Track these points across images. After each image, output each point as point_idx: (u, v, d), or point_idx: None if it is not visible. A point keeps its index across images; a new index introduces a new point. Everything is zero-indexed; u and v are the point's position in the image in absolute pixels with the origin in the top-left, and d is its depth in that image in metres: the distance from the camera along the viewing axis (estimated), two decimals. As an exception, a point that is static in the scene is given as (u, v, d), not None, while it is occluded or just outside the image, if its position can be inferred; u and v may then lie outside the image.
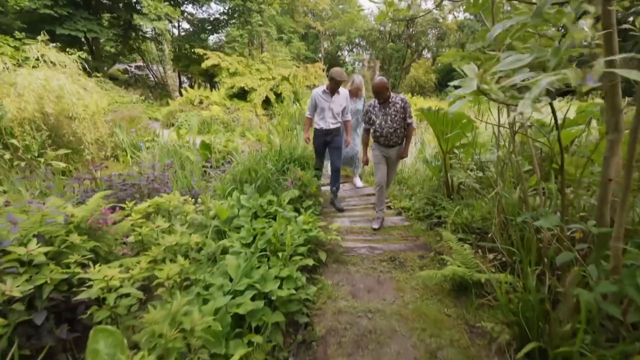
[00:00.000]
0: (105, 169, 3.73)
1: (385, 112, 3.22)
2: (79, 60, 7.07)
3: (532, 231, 2.00)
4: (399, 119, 3.20)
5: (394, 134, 3.24)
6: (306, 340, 1.95)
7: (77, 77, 6.75)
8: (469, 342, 1.86)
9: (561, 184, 1.86)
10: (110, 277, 1.56)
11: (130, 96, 12.14)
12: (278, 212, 2.64)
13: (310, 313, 2.14)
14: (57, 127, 6.50)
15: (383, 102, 3.21)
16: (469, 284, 2.26)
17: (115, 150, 7.42)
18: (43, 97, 5.71)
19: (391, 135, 3.24)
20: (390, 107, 3.20)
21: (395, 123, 3.21)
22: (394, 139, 3.26)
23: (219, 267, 2.00)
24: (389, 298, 2.32)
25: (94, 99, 6.79)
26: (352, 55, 29.91)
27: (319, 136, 3.77)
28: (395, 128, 3.22)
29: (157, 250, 1.96)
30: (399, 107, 3.18)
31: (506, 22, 0.95)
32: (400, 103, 3.18)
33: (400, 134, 3.27)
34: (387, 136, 3.26)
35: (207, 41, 16.88)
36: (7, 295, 1.44)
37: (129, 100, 11.64)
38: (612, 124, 1.55)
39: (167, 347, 1.23)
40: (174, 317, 1.33)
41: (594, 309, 1.33)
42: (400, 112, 3.18)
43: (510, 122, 2.23)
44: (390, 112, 3.20)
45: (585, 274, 1.50)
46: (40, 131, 6.07)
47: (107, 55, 16.19)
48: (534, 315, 1.55)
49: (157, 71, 20.98)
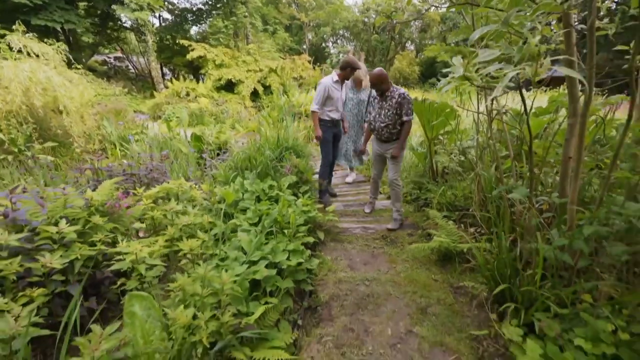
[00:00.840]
0: (105, 159, 3.81)
1: (381, 106, 3.11)
2: (62, 52, 6.92)
3: (506, 205, 2.31)
4: (392, 115, 3.03)
5: (385, 129, 3.09)
6: (311, 306, 2.19)
7: (61, 68, 6.63)
8: (454, 299, 2.16)
9: (530, 163, 2.16)
10: (139, 250, 1.74)
11: (112, 88, 11.87)
12: (279, 196, 2.85)
13: (314, 283, 2.38)
14: (44, 120, 6.40)
15: (381, 95, 3.10)
16: (453, 254, 2.55)
17: (103, 144, 7.36)
18: (30, 89, 5.61)
19: (382, 130, 3.11)
20: (387, 100, 3.06)
21: (387, 118, 3.06)
22: (385, 134, 3.12)
23: (231, 244, 2.20)
24: (383, 269, 2.59)
25: (80, 91, 6.70)
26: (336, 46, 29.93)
27: (330, 128, 3.67)
28: (387, 124, 3.07)
29: (174, 229, 2.14)
30: (394, 103, 3.00)
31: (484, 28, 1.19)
32: (396, 98, 3.00)
33: (393, 131, 3.09)
34: (378, 130, 3.16)
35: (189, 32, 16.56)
36: (48, 267, 1.60)
37: (111, 92, 11.38)
38: (571, 110, 1.84)
39: (203, 302, 1.44)
40: (204, 279, 1.53)
41: (553, 261, 1.63)
42: (395, 107, 3.00)
43: (488, 109, 2.51)
44: (386, 105, 3.07)
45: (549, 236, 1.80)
46: (26, 124, 5.97)
47: (85, 46, 15.64)
48: (506, 272, 1.85)
49: (137, 62, 20.41)
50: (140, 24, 12.16)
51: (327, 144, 3.74)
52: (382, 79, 3.02)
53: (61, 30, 12.70)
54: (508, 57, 1.28)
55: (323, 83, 3.53)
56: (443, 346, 1.79)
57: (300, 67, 11.77)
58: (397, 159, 3.17)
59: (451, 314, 2.03)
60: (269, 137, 3.75)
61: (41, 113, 6.24)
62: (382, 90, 3.07)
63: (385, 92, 3.08)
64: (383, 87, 3.05)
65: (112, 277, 1.98)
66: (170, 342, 1.33)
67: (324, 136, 3.65)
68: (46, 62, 6.41)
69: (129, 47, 20.46)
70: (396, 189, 3.24)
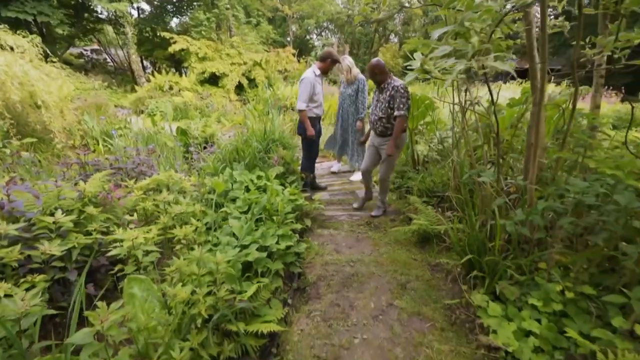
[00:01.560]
0: (92, 153, 3.81)
1: (378, 97, 3.06)
2: (38, 45, 6.71)
3: (478, 188, 2.51)
4: (385, 108, 2.96)
5: (378, 122, 3.04)
6: (300, 287, 2.34)
7: (38, 62, 6.44)
8: (431, 276, 2.36)
9: (497, 150, 2.35)
10: (135, 237, 1.83)
11: (91, 82, 11.53)
12: (267, 186, 2.97)
13: (302, 266, 2.53)
14: (21, 116, 6.22)
15: (378, 86, 3.05)
16: (431, 235, 2.75)
17: (85, 139, 7.22)
18: (5, 84, 5.45)
19: (376, 123, 3.07)
20: (383, 92, 2.99)
21: (381, 111, 2.99)
22: (379, 127, 3.06)
23: (223, 230, 2.31)
24: (367, 251, 2.76)
25: (59, 85, 6.54)
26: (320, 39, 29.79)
27: (315, 125, 3.55)
28: (381, 117, 3.00)
29: (167, 218, 2.23)
30: (387, 95, 2.92)
31: (442, 29, 1.34)
32: (390, 91, 2.91)
33: (387, 125, 3.01)
34: (373, 123, 3.12)
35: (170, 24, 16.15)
36: (48, 254, 1.68)
37: (90, 86, 11.06)
38: (534, 100, 2.03)
39: (199, 280, 1.56)
40: (199, 260, 1.65)
41: (514, 235, 1.83)
42: (388, 100, 2.91)
43: (461, 101, 2.69)
44: (381, 98, 3.00)
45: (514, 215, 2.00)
46: (2, 120, 5.81)
47: (59, 38, 15.02)
48: (475, 247, 2.05)
49: (115, 55, 19.75)
50: (119, 15, 11.79)
51: (313, 144, 3.65)
52: (378, 70, 2.94)
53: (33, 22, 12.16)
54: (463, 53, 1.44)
55: (307, 78, 3.34)
56: (420, 315, 1.98)
57: (285, 60, 11.76)
58: (391, 158, 3.06)
59: (428, 288, 2.22)
60: (256, 130, 3.83)
61: (19, 108, 6.07)
62: (378, 81, 2.99)
63: (382, 84, 3.00)
64: (379, 78, 2.96)
65: (108, 264, 2.07)
66: (171, 317, 1.45)
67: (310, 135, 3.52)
68: (21, 55, 6.21)
69: (106, 39, 19.76)
70: (384, 184, 3.29)
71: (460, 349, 1.71)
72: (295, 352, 1.75)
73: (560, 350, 1.41)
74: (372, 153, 3.30)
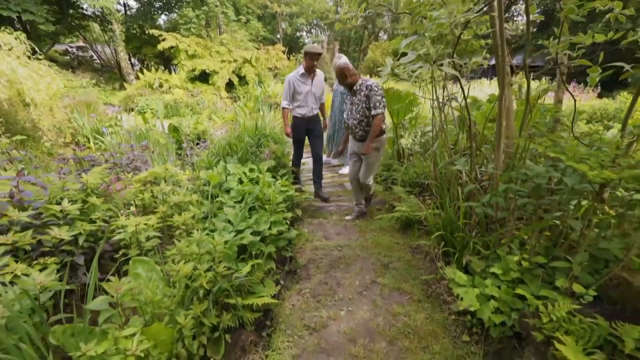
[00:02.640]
0: (88, 149, 3.91)
1: (352, 101, 2.93)
2: (25, 42, 6.68)
3: (454, 177, 2.73)
4: (362, 109, 2.83)
5: (358, 126, 2.90)
6: (291, 270, 2.53)
7: (25, 59, 6.42)
8: (411, 257, 2.58)
9: (470, 141, 2.58)
10: (139, 223, 1.98)
11: (79, 80, 11.40)
12: (260, 178, 3.13)
13: (293, 251, 2.72)
14: (9, 114, 6.21)
15: (349, 89, 2.94)
16: (413, 221, 2.97)
17: (75, 137, 7.23)
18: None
19: (355, 127, 2.93)
20: (357, 94, 2.86)
21: (358, 114, 2.86)
22: (359, 132, 2.93)
23: (219, 218, 2.48)
24: (353, 237, 2.97)
25: (48, 83, 6.53)
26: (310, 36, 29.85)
27: (301, 125, 3.47)
28: (359, 120, 2.86)
29: (165, 207, 2.38)
30: (363, 96, 2.79)
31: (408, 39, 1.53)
32: (365, 91, 2.78)
33: (367, 128, 2.88)
34: (352, 128, 2.98)
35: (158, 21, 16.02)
36: (58, 238, 1.82)
37: (78, 84, 10.96)
38: (500, 96, 2.25)
39: (200, 258, 1.73)
40: (199, 242, 1.82)
41: (482, 215, 2.06)
42: (364, 101, 2.79)
43: (438, 97, 2.91)
44: (356, 100, 2.87)
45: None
46: (-9, 117, 5.80)
47: (44, 35, 14.75)
48: (449, 228, 2.27)
49: (102, 52, 19.46)
50: (106, 12, 11.67)
51: (297, 142, 3.60)
52: (347, 72, 2.83)
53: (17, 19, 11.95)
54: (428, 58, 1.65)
55: (287, 78, 3.37)
56: (400, 290, 2.19)
57: (274, 58, 11.86)
58: (369, 159, 2.95)
59: (408, 267, 2.44)
60: (248, 126, 3.98)
61: (6, 106, 6.06)
62: (349, 84, 2.89)
63: (353, 86, 2.89)
64: (350, 80, 2.86)
65: (111, 250, 2.22)
66: (175, 290, 1.61)
67: (294, 135, 3.53)
68: (8, 52, 6.18)
69: (92, 36, 19.44)
70: (366, 188, 3.15)
71: (434, 316, 1.92)
72: (287, 323, 1.94)
73: (516, 311, 1.63)
74: (357, 161, 3.16)
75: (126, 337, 1.32)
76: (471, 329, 1.79)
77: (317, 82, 3.41)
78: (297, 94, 3.35)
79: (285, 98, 3.40)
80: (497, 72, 2.21)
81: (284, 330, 1.89)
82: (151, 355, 1.37)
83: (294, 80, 3.33)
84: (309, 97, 3.38)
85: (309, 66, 3.25)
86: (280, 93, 9.57)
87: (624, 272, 1.37)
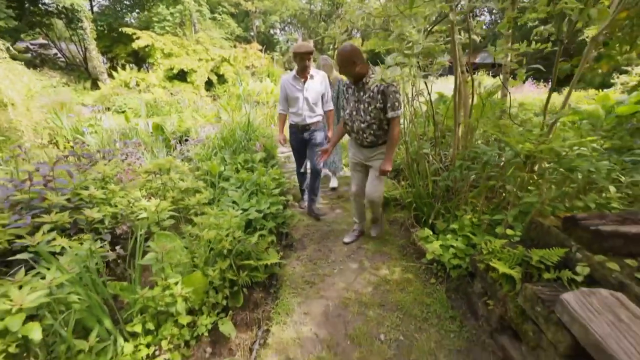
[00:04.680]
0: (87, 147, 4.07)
1: (358, 98, 2.31)
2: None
3: (423, 160, 3.24)
4: (374, 110, 2.22)
5: (367, 130, 2.31)
6: (289, 244, 2.93)
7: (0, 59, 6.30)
8: (389, 227, 3.06)
9: (434, 129, 3.10)
10: (157, 204, 2.30)
11: (47, 79, 11.01)
12: (254, 167, 3.50)
13: (289, 229, 3.12)
14: (-16, 115, 6.09)
15: (355, 83, 2.31)
16: (389, 200, 3.46)
17: (53, 137, 7.15)
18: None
19: (363, 131, 2.33)
20: (365, 90, 2.25)
21: (368, 115, 2.26)
22: (368, 137, 2.34)
23: (223, 202, 2.83)
24: (339, 216, 3.42)
25: (25, 83, 6.44)
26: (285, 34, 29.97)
27: (295, 133, 3.13)
28: (369, 123, 2.27)
29: (175, 192, 2.70)
30: (376, 93, 2.20)
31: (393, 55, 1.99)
32: (378, 86, 2.18)
33: (379, 132, 2.31)
34: (358, 132, 2.37)
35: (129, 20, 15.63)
36: (91, 218, 2.11)
37: (48, 84, 10.59)
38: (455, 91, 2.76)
39: (219, 227, 2.10)
40: (215, 215, 2.18)
41: (443, 187, 2.56)
42: (377, 100, 2.20)
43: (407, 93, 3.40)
44: (364, 98, 2.26)
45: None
46: (-33, 119, 5.70)
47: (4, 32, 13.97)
48: (418, 199, 2.76)
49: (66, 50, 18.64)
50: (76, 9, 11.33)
51: (295, 152, 3.28)
52: (351, 60, 2.15)
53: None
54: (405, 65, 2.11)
55: (281, 79, 3.08)
56: (381, 252, 2.66)
57: (252, 56, 12.07)
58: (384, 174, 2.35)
59: (387, 235, 2.92)
60: (239, 122, 4.31)
61: (-17, 107, 5.95)
62: (357, 74, 2.22)
63: (362, 79, 2.25)
64: (356, 71, 2.19)
65: (129, 231, 2.52)
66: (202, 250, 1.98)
67: (290, 142, 3.23)
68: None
69: (55, 33, 18.56)
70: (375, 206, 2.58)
71: (409, 268, 2.41)
72: (290, 281, 2.35)
73: (469, 256, 2.15)
74: (361, 172, 2.60)
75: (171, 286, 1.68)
76: (437, 274, 2.29)
77: (313, 85, 2.97)
78: (290, 99, 3.01)
79: (280, 102, 3.10)
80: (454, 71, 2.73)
81: (289, 286, 2.30)
82: (190, 299, 1.74)
83: (285, 83, 3.00)
84: (301, 104, 2.98)
85: (301, 68, 2.88)
86: (260, 91, 9.83)
87: (539, 217, 1.90)
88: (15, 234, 1.86)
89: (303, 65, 2.86)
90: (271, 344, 1.83)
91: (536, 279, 1.62)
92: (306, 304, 2.12)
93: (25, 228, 1.90)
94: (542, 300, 1.42)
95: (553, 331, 1.34)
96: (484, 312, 1.88)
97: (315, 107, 3.04)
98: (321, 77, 3.05)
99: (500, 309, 1.71)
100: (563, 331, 1.29)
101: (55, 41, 18.20)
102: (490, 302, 1.80)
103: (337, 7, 25.27)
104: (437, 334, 1.84)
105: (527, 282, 1.56)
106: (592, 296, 1.27)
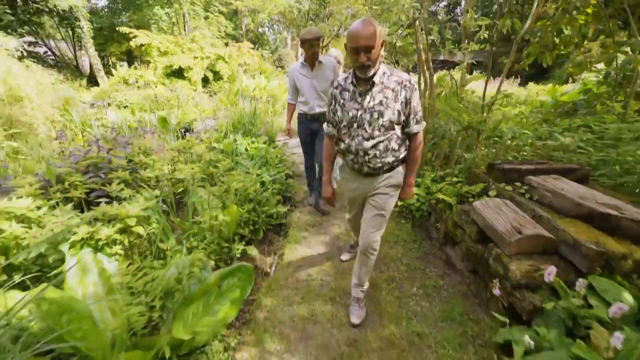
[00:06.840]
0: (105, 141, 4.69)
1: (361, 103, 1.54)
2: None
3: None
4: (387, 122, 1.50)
5: (371, 150, 1.55)
6: (291, 205, 3.65)
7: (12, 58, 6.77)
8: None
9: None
10: (192, 168, 2.99)
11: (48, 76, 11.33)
12: (259, 147, 4.21)
13: (291, 193, 3.85)
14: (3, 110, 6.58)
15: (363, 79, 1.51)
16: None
17: (64, 131, 7.65)
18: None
19: (366, 152, 1.56)
20: (374, 90, 1.50)
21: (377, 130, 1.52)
22: (371, 161, 1.58)
23: (239, 170, 3.53)
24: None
25: (37, 79, 6.93)
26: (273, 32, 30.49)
27: (303, 123, 3.04)
28: (378, 140, 1.53)
29: (203, 161, 3.40)
30: (391, 95, 1.49)
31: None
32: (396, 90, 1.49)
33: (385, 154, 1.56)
34: (357, 153, 1.59)
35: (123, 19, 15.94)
36: (146, 177, 2.78)
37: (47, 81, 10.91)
38: (423, 83, 3.54)
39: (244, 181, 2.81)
40: (238, 174, 2.89)
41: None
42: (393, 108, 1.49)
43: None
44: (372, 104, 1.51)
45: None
46: (-12, 113, 6.19)
47: None
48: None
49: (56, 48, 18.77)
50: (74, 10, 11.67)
51: (303, 144, 3.19)
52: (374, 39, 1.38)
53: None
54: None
55: (290, 69, 3.04)
56: (365, 206, 3.42)
57: (246, 54, 12.66)
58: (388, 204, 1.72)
59: (370, 196, 3.69)
60: (246, 112, 5.01)
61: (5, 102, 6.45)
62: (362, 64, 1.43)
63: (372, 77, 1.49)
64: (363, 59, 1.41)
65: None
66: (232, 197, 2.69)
67: (298, 133, 3.16)
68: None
69: (45, 31, 18.65)
70: (370, 256, 1.80)
71: (385, 214, 3.18)
72: (295, 225, 3.09)
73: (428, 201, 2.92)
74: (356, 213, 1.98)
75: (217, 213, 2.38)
76: (405, 216, 3.06)
77: (322, 73, 2.86)
78: (299, 88, 2.95)
79: (289, 92, 3.09)
80: (419, 68, 3.51)
81: (295, 227, 3.04)
82: (226, 226, 2.44)
83: (293, 73, 2.96)
84: (309, 92, 2.89)
85: (309, 55, 2.78)
86: (254, 87, 10.45)
87: (474, 168, 2.69)
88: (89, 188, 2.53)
89: (312, 52, 2.74)
90: (285, 260, 2.56)
91: (467, 204, 2.41)
92: (309, 238, 2.87)
93: (98, 183, 2.57)
94: (465, 211, 2.20)
95: (469, 227, 2.13)
96: (435, 234, 2.67)
97: (324, 96, 2.87)
98: (330, 64, 2.86)
99: (443, 227, 2.50)
100: (473, 225, 2.07)
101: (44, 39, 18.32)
102: (439, 224, 2.58)
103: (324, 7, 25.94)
104: (403, 249, 2.61)
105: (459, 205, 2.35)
106: (490, 201, 2.06)
